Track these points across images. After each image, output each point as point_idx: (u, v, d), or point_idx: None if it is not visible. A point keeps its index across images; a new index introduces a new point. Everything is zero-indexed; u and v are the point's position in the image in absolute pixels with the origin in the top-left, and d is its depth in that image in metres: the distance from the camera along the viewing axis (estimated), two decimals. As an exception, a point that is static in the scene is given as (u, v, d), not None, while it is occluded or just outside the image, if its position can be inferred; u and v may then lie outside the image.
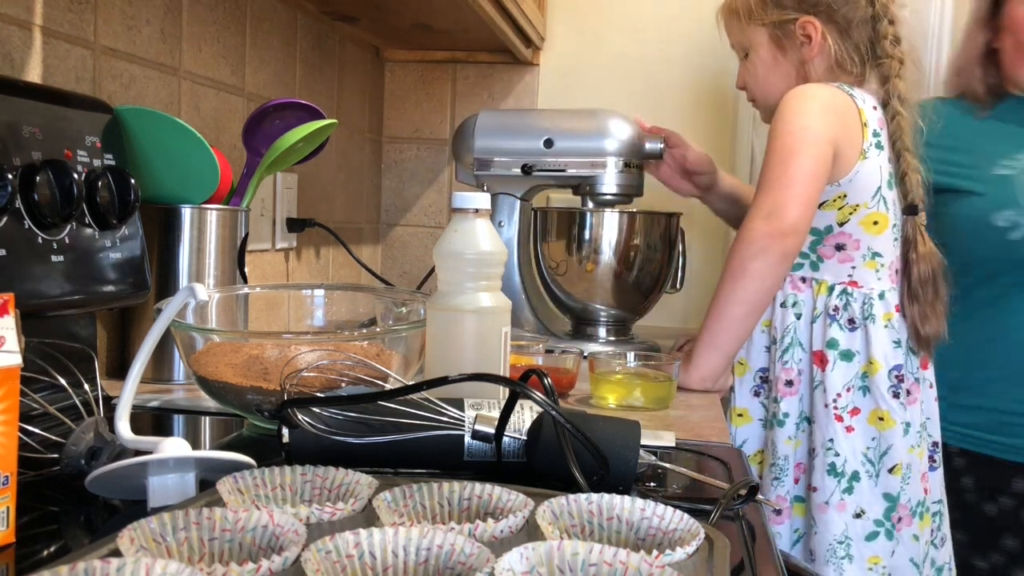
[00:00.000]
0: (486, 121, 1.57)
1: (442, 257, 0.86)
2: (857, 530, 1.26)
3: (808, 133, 1.23)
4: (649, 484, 0.75)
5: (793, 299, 1.31)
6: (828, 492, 1.26)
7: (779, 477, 1.29)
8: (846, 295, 1.29)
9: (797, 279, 1.31)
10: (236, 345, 0.89)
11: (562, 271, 1.52)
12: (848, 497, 1.26)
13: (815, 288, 1.30)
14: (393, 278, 2.08)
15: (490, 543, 0.52)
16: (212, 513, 0.51)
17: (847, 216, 1.28)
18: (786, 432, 1.29)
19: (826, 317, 1.29)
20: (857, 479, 1.26)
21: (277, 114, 1.23)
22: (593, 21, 2.01)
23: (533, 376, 0.74)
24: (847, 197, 1.27)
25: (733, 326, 1.24)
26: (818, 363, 1.28)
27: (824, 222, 1.29)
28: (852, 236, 1.29)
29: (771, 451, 1.30)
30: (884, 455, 1.27)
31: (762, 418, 1.34)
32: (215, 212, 1.11)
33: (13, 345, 0.55)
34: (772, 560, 0.62)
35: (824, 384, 1.27)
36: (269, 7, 1.51)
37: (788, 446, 1.29)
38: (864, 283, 1.29)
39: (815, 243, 1.30)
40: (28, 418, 0.72)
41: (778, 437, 1.29)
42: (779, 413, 1.29)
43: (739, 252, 1.22)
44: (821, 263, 1.31)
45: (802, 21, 1.32)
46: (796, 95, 1.28)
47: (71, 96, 0.96)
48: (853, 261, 1.30)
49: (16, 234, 0.83)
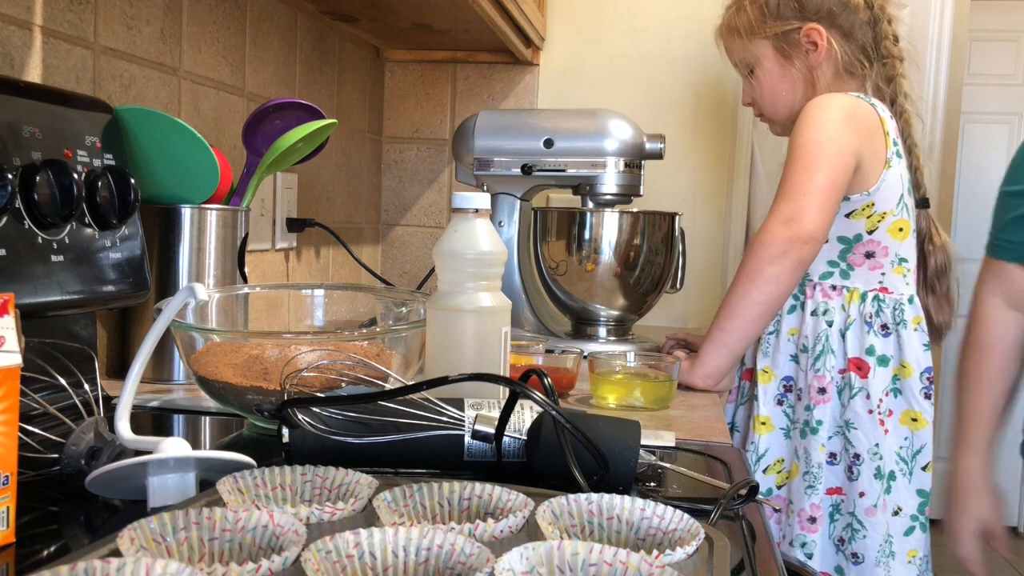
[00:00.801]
0: (486, 121, 1.57)
1: (442, 257, 0.86)
2: (896, 527, 1.30)
3: (832, 144, 1.24)
4: (649, 484, 0.75)
5: (824, 307, 1.32)
6: (875, 495, 1.29)
7: (813, 485, 1.29)
8: (878, 301, 1.31)
9: (827, 287, 1.33)
10: (236, 345, 0.89)
11: (562, 271, 1.52)
12: (887, 497, 1.29)
13: (846, 296, 1.32)
14: (393, 278, 2.08)
15: (490, 543, 0.52)
16: (212, 513, 0.51)
17: (876, 224, 1.30)
18: (820, 440, 1.29)
19: (862, 324, 1.30)
20: (893, 478, 1.30)
21: (277, 114, 1.23)
22: (593, 21, 2.01)
23: (533, 376, 0.74)
24: (875, 206, 1.29)
25: (744, 326, 1.24)
26: (856, 370, 1.30)
27: (853, 231, 1.31)
28: (881, 243, 1.31)
29: (804, 459, 1.30)
30: (918, 454, 1.32)
31: (784, 427, 1.35)
32: (215, 212, 1.11)
33: (13, 345, 0.55)
34: (772, 560, 0.62)
35: (867, 390, 1.29)
36: (269, 7, 1.51)
37: (822, 454, 1.30)
38: (894, 289, 1.32)
39: (844, 252, 1.32)
40: (28, 418, 0.72)
41: (812, 445, 1.30)
42: (812, 421, 1.30)
43: (757, 254, 1.23)
44: (852, 271, 1.32)
45: (806, 29, 1.33)
46: (820, 104, 1.28)
47: (71, 96, 0.96)
48: (883, 268, 1.32)
49: (16, 234, 0.83)
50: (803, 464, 1.30)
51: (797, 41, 1.34)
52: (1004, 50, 3.59)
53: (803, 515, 1.29)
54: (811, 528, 1.29)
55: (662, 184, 1.94)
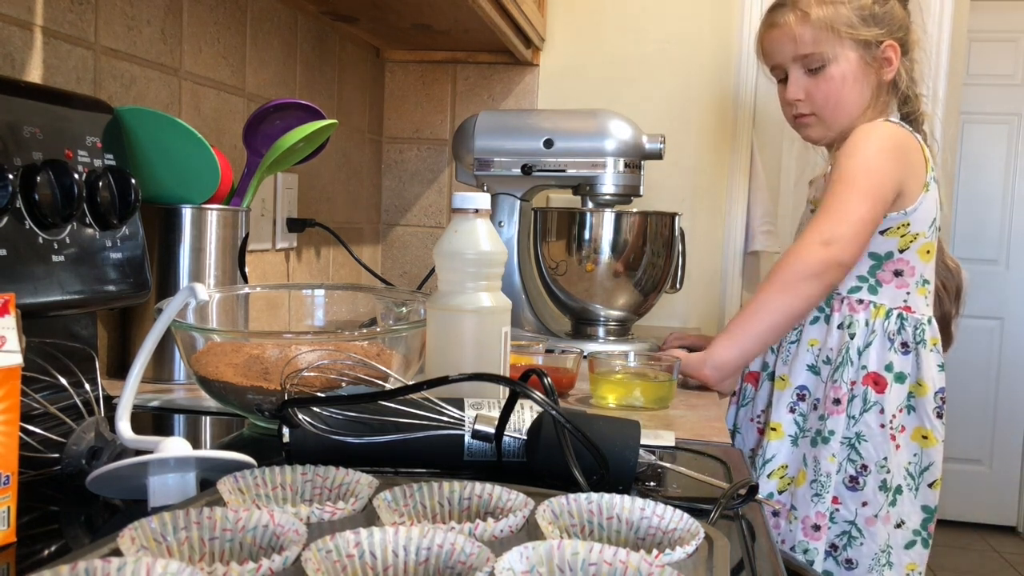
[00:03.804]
0: (486, 121, 1.57)
1: (442, 257, 0.86)
2: (897, 539, 1.31)
3: (880, 176, 1.26)
4: (649, 484, 0.75)
5: (849, 320, 1.32)
6: (878, 506, 1.30)
7: (820, 494, 1.30)
8: (901, 320, 1.32)
9: (854, 301, 1.33)
10: (237, 345, 0.89)
11: (562, 271, 1.52)
12: (892, 509, 1.31)
13: (872, 311, 1.32)
14: (393, 278, 2.08)
15: (490, 543, 0.52)
16: (213, 513, 0.51)
17: (908, 244, 1.31)
18: (831, 449, 1.30)
19: (884, 340, 1.31)
20: (900, 492, 1.32)
21: (277, 114, 1.23)
22: (593, 21, 2.01)
23: (533, 376, 0.75)
24: (910, 226, 1.30)
25: (763, 332, 1.27)
26: (872, 384, 1.31)
27: (885, 248, 1.31)
28: (909, 263, 1.32)
29: (812, 467, 1.31)
30: (925, 471, 1.33)
31: (792, 434, 1.35)
32: (215, 212, 1.11)
33: (14, 345, 0.56)
34: (772, 560, 0.62)
35: (882, 405, 1.30)
36: (269, 7, 1.51)
37: (832, 464, 1.30)
38: (916, 309, 1.33)
39: (875, 268, 1.33)
40: (29, 418, 0.72)
41: (822, 454, 1.30)
42: (824, 430, 1.30)
43: (793, 268, 1.24)
44: (880, 287, 1.33)
45: (888, 44, 1.33)
46: (874, 132, 1.29)
47: (72, 96, 0.97)
48: (908, 287, 1.33)
49: (17, 234, 0.83)
50: (811, 472, 1.31)
51: (877, 54, 1.33)
52: (1004, 50, 3.59)
53: (807, 522, 1.30)
54: (815, 536, 1.30)
55: (662, 184, 1.94)
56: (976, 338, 3.54)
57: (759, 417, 1.42)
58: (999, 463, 3.65)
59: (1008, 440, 3.64)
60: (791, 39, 1.34)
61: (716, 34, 1.97)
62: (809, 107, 1.37)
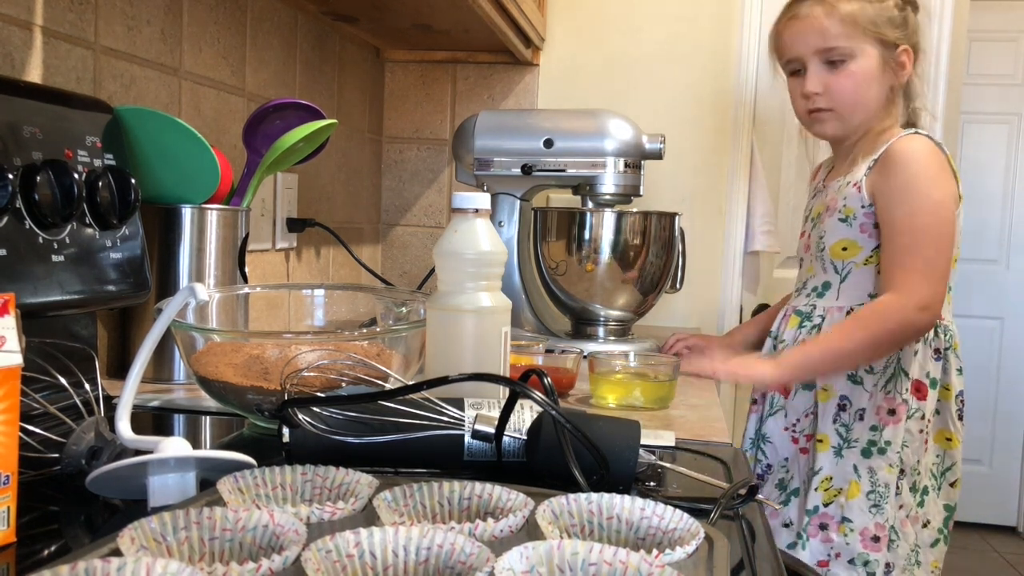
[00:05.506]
0: (486, 121, 1.57)
1: (442, 257, 0.86)
2: (924, 538, 1.35)
3: (947, 214, 1.27)
4: (649, 484, 0.75)
5: None
6: (909, 507, 1.33)
7: (878, 504, 1.30)
8: (936, 327, 1.33)
9: None
10: (236, 345, 0.89)
11: (562, 271, 1.52)
12: (920, 510, 1.34)
13: None
14: (393, 278, 2.08)
15: (490, 543, 0.52)
16: (212, 513, 0.51)
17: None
18: (888, 459, 1.30)
19: (925, 348, 1.33)
20: (926, 493, 1.35)
21: (277, 114, 1.23)
22: (593, 21, 2.01)
23: (533, 376, 0.75)
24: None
25: (829, 371, 1.31)
26: (915, 392, 1.32)
27: None
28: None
29: (868, 478, 1.31)
30: (948, 470, 1.37)
31: (835, 445, 1.35)
32: (215, 212, 1.11)
33: (14, 345, 0.55)
34: (772, 559, 0.62)
35: (923, 411, 1.32)
36: (269, 7, 1.51)
37: (891, 475, 1.30)
38: (945, 315, 1.35)
39: None
40: (29, 418, 0.72)
41: (878, 465, 1.30)
42: (880, 441, 1.31)
43: (887, 328, 1.25)
44: None
45: (904, 48, 1.34)
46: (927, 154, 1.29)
47: (72, 96, 0.96)
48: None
49: (17, 234, 0.83)
50: (866, 483, 1.31)
51: (894, 57, 1.34)
52: (1004, 50, 3.59)
53: (866, 534, 1.29)
54: (875, 547, 1.29)
55: (662, 184, 1.94)
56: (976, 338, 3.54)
57: (795, 426, 1.40)
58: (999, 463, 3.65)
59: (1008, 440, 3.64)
60: (817, 31, 1.33)
61: (716, 34, 1.97)
62: (827, 101, 1.35)
